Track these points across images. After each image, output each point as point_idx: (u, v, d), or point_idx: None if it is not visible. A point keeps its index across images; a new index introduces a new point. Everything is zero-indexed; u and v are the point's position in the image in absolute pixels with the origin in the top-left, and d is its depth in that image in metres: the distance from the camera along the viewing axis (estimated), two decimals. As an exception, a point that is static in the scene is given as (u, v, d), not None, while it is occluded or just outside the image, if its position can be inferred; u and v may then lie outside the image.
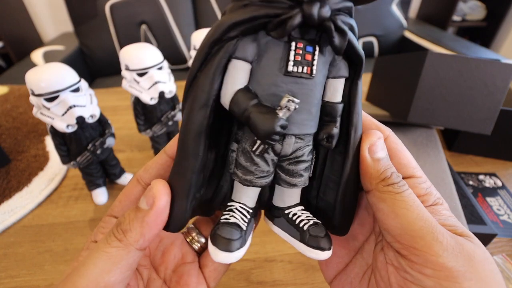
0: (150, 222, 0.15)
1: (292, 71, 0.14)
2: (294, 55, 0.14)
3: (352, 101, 0.17)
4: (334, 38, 0.14)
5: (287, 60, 0.14)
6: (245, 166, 0.16)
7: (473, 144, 0.52)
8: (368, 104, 0.62)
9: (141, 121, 0.47)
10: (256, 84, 0.15)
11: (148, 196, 0.16)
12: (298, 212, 0.18)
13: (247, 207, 0.18)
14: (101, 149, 0.40)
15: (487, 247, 0.37)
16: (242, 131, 0.16)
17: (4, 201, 0.44)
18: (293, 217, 0.18)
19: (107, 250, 0.15)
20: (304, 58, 0.14)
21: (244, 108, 0.14)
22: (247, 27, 0.13)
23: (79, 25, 1.39)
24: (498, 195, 0.44)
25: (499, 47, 1.99)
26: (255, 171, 0.16)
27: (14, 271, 0.35)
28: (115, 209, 0.19)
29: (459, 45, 1.37)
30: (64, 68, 0.34)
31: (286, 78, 0.14)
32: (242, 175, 0.16)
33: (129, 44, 0.41)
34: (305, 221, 0.17)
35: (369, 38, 1.56)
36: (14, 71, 1.19)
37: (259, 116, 0.14)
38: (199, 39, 0.46)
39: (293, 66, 0.14)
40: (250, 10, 0.13)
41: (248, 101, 0.14)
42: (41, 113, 0.34)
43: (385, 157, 0.17)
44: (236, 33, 0.14)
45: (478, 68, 0.41)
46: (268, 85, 0.15)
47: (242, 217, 0.17)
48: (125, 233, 0.15)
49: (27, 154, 0.54)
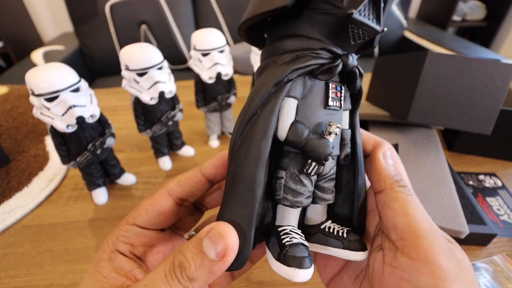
0: (217, 273, 0.15)
1: (331, 105, 0.18)
2: (331, 93, 0.18)
3: (354, 126, 0.21)
4: (357, 80, 0.18)
5: (327, 97, 0.18)
6: (295, 189, 0.18)
7: (473, 144, 0.52)
8: (368, 104, 0.62)
9: (141, 121, 0.47)
10: (302, 116, 0.18)
11: (218, 245, 0.15)
12: (331, 225, 0.21)
13: (296, 229, 0.20)
14: (101, 149, 0.40)
15: (487, 247, 0.37)
16: (288, 158, 0.19)
17: (4, 201, 0.44)
18: (330, 230, 0.20)
19: None
20: (336, 95, 0.18)
21: (303, 137, 0.17)
22: (302, 71, 0.17)
23: (79, 25, 1.39)
24: (498, 195, 0.44)
25: (499, 47, 1.99)
26: (304, 192, 0.18)
27: (14, 271, 0.35)
28: (140, 219, 0.19)
29: (459, 45, 1.37)
30: (64, 68, 0.34)
31: (325, 110, 0.18)
32: (293, 198, 0.18)
33: (129, 44, 0.41)
34: (341, 230, 0.20)
35: (369, 38, 1.56)
36: (14, 71, 1.19)
37: (317, 142, 0.17)
38: (199, 39, 0.46)
39: (331, 101, 0.18)
40: (305, 59, 0.17)
41: (304, 131, 0.17)
42: (41, 113, 0.34)
43: (393, 165, 0.20)
44: (293, 76, 0.17)
45: (478, 68, 0.41)
46: (313, 117, 0.18)
47: (301, 236, 0.19)
48: (191, 281, 0.15)
49: (27, 154, 0.54)
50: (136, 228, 0.19)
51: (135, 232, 0.19)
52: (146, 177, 0.50)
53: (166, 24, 1.40)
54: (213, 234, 0.15)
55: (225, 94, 0.53)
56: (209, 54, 0.47)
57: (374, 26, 0.16)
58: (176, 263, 0.15)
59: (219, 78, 0.49)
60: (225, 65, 0.48)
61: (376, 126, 0.53)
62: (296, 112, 0.18)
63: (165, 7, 1.39)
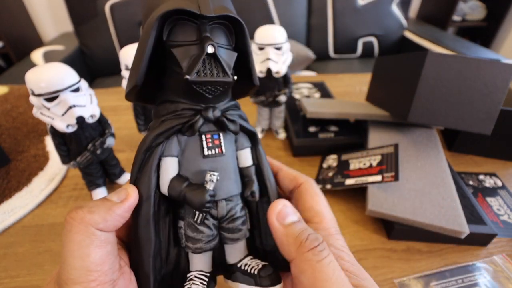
0: (117, 212, 0.17)
1: (208, 154, 0.19)
2: (206, 143, 0.19)
3: (259, 161, 0.22)
4: (229, 126, 0.20)
5: (202, 148, 0.19)
6: (193, 237, 0.19)
7: (473, 144, 0.52)
8: (368, 104, 0.62)
9: (141, 121, 0.47)
10: (185, 170, 0.19)
11: (121, 194, 0.18)
12: (248, 262, 0.21)
13: (204, 272, 0.21)
14: (101, 149, 0.40)
15: (487, 247, 0.37)
16: (183, 209, 0.20)
17: (4, 201, 0.44)
18: (245, 267, 0.21)
19: (72, 239, 0.16)
20: (214, 143, 0.20)
21: (179, 190, 0.18)
22: (168, 134, 0.19)
23: (79, 25, 1.39)
24: (498, 195, 0.44)
25: (499, 47, 1.99)
26: (202, 238, 0.19)
27: (14, 271, 0.35)
28: None
29: (459, 45, 1.37)
30: (64, 68, 0.34)
31: (205, 159, 0.19)
32: (193, 245, 0.20)
33: (129, 44, 0.41)
34: (255, 267, 0.20)
35: (369, 38, 1.56)
36: (14, 71, 1.19)
37: (192, 193, 0.18)
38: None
39: (208, 150, 0.19)
40: (167, 123, 0.18)
41: (181, 184, 0.19)
42: (41, 113, 0.34)
43: (298, 220, 0.18)
44: (161, 140, 0.19)
45: (478, 68, 0.41)
46: (194, 168, 0.19)
47: (201, 282, 0.20)
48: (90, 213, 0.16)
49: (27, 154, 0.54)
50: None
51: None
52: (146, 177, 0.49)
53: (166, 24, 1.40)
54: (118, 190, 0.18)
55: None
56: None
57: (220, 80, 0.18)
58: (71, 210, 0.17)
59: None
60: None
61: (376, 126, 0.53)
62: (179, 167, 0.19)
63: (165, 7, 1.39)
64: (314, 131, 0.55)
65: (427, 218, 0.35)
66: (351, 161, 0.47)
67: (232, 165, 0.21)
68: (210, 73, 0.18)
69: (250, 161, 0.22)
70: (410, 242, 0.38)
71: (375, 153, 0.45)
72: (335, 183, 0.44)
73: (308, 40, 1.57)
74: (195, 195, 0.18)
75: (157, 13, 0.17)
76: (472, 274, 0.33)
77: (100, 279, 0.16)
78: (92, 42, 1.42)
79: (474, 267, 0.34)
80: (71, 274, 0.15)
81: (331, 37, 1.54)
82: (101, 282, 0.16)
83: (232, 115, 0.20)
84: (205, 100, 0.19)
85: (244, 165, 0.22)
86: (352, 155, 0.48)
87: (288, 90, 0.53)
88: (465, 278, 0.33)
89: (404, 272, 0.34)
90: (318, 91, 0.73)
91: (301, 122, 0.58)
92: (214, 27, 0.18)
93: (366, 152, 0.46)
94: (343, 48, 1.57)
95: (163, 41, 0.18)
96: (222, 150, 0.20)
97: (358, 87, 0.81)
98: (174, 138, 0.19)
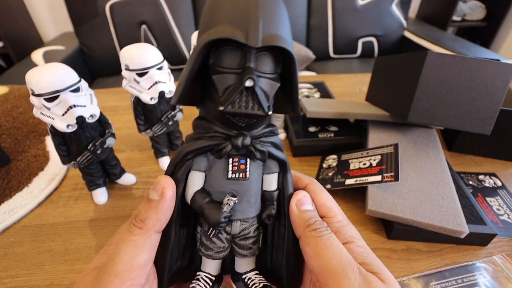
0: (164, 209, 0.19)
1: (231, 177, 0.20)
2: (232, 167, 0.20)
3: (284, 188, 0.22)
4: (256, 156, 0.20)
5: (227, 170, 0.20)
6: (206, 244, 0.22)
7: (473, 144, 0.52)
8: (368, 104, 0.62)
9: (141, 121, 0.47)
10: (209, 186, 0.21)
11: (158, 189, 0.19)
12: (252, 277, 0.24)
13: (211, 275, 0.23)
14: (101, 149, 0.40)
15: (487, 247, 0.37)
16: (203, 217, 0.21)
17: (4, 201, 0.44)
18: (248, 281, 0.23)
19: (132, 238, 0.18)
20: (240, 168, 0.20)
21: (200, 204, 0.20)
22: (198, 152, 0.20)
23: (79, 25, 1.39)
24: (498, 195, 0.44)
25: (499, 47, 1.99)
26: (213, 248, 0.21)
27: (14, 271, 0.35)
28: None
29: (459, 45, 1.37)
30: (64, 68, 0.34)
31: (228, 181, 0.20)
32: (205, 251, 0.22)
33: (129, 44, 0.41)
34: (257, 284, 0.23)
35: (369, 38, 1.56)
36: (14, 71, 1.19)
37: (209, 211, 0.20)
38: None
39: (232, 174, 0.20)
40: (200, 142, 0.20)
41: (202, 200, 0.20)
42: (41, 113, 0.34)
43: (313, 210, 0.21)
44: (191, 156, 0.20)
45: (478, 68, 0.41)
46: (217, 187, 0.21)
47: (205, 285, 0.23)
48: (143, 222, 0.19)
49: (27, 154, 0.54)
50: None
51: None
52: (146, 177, 0.50)
53: (166, 24, 1.40)
54: (154, 184, 0.20)
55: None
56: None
57: (253, 113, 0.18)
58: (132, 217, 0.19)
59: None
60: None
61: (376, 126, 0.53)
62: (205, 181, 0.21)
63: (165, 7, 1.39)
64: (314, 131, 0.55)
65: (427, 218, 0.35)
66: (351, 161, 0.47)
67: (254, 189, 0.22)
68: (245, 105, 0.18)
69: (274, 186, 0.22)
70: (409, 242, 0.38)
71: (375, 153, 0.45)
72: (335, 183, 0.44)
73: (308, 40, 1.57)
74: (211, 213, 0.20)
75: (206, 38, 0.17)
76: (472, 274, 0.33)
77: (135, 281, 0.18)
78: (92, 42, 1.42)
79: (474, 267, 0.34)
80: (117, 267, 0.17)
81: (331, 37, 1.54)
82: (135, 284, 0.18)
83: (262, 144, 0.20)
84: (238, 128, 0.19)
85: (267, 188, 0.22)
86: (352, 155, 0.48)
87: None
88: (465, 278, 0.33)
89: (404, 272, 0.34)
90: (318, 91, 0.73)
91: (301, 122, 0.58)
92: (261, 54, 0.18)
93: (366, 152, 0.46)
94: (343, 48, 1.57)
95: (209, 63, 0.18)
96: (246, 175, 0.21)
97: (358, 87, 0.81)
98: (205, 155, 0.20)
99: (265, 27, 0.17)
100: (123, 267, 0.17)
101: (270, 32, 0.17)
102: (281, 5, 0.18)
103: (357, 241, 0.20)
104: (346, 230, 0.21)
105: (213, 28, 0.17)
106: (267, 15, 0.17)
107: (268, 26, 0.17)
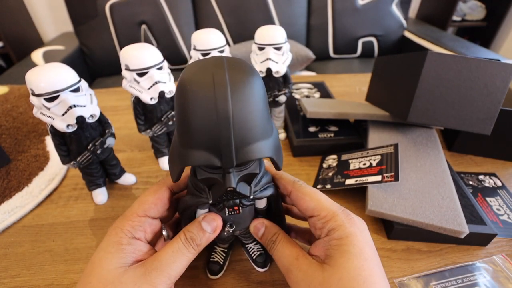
0: (210, 239, 0.26)
1: (228, 215, 0.26)
2: (227, 211, 0.26)
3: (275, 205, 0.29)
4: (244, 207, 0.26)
5: (224, 212, 0.26)
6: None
7: (473, 144, 0.52)
8: (368, 104, 0.62)
9: (141, 121, 0.47)
10: None
11: (212, 226, 0.25)
12: (252, 246, 0.33)
13: (223, 248, 0.34)
14: (101, 149, 0.40)
15: (487, 247, 0.37)
16: None
17: (4, 201, 0.44)
18: (249, 250, 0.33)
19: (187, 255, 0.24)
20: (234, 209, 0.26)
21: None
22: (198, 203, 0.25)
23: (79, 25, 1.39)
24: (498, 195, 0.44)
25: (499, 47, 1.99)
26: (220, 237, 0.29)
27: (14, 271, 0.35)
28: (151, 211, 0.25)
29: (459, 45, 1.37)
30: (64, 68, 0.34)
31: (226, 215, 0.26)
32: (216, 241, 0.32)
33: (129, 44, 0.41)
34: (255, 252, 0.33)
35: (369, 38, 1.56)
36: (14, 71, 1.19)
37: None
38: (199, 39, 0.46)
39: (228, 213, 0.26)
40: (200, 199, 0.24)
41: None
42: (41, 113, 0.34)
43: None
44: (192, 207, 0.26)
45: (478, 68, 0.41)
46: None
47: (221, 255, 0.33)
48: (198, 246, 0.25)
49: (27, 154, 0.54)
50: (148, 218, 0.25)
51: (148, 222, 0.25)
52: (146, 177, 0.50)
53: (166, 24, 1.40)
54: (207, 218, 0.25)
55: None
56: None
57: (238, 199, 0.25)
58: (188, 237, 0.24)
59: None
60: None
61: (376, 126, 0.53)
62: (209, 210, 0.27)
63: (165, 7, 1.39)
64: (314, 131, 0.55)
65: (426, 218, 0.35)
66: (351, 161, 0.47)
67: (248, 214, 0.28)
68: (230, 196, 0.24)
69: (264, 204, 0.28)
70: (409, 242, 0.38)
71: (375, 153, 0.45)
72: (335, 183, 0.44)
73: (308, 40, 1.57)
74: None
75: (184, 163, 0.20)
76: (472, 274, 0.33)
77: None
78: (92, 42, 1.42)
79: (474, 267, 0.34)
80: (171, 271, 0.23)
81: (331, 37, 1.54)
82: None
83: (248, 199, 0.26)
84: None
85: (259, 207, 0.28)
86: (352, 155, 0.48)
87: (288, 90, 0.53)
88: (465, 278, 0.33)
89: (404, 272, 0.34)
90: (318, 91, 0.73)
91: (301, 122, 0.58)
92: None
93: (366, 152, 0.46)
94: (343, 48, 1.57)
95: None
96: (240, 211, 0.26)
97: (358, 87, 0.81)
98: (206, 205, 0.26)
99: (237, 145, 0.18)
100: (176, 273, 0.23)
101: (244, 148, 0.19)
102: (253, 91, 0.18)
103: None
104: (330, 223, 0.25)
105: (190, 151, 0.19)
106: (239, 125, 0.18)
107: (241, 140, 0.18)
